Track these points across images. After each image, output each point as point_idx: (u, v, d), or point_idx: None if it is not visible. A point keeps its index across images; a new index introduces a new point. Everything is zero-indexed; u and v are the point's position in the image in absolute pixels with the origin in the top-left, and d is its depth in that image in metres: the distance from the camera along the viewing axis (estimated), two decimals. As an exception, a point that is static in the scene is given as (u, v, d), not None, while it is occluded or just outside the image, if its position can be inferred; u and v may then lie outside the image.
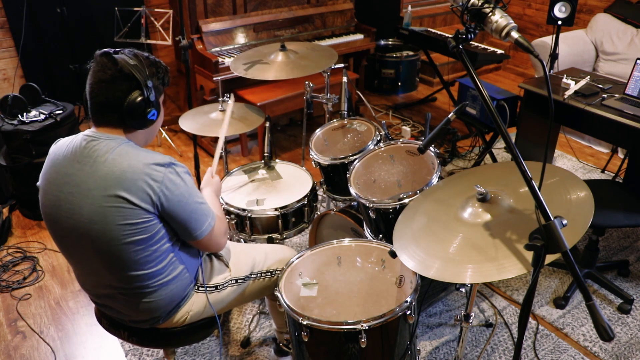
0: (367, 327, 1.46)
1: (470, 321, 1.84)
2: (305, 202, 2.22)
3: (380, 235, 2.00)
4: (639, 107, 2.63)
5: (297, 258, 1.75)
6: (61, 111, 3.12)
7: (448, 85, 4.36)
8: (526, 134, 3.25)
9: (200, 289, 1.66)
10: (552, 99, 1.10)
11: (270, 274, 1.84)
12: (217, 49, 3.67)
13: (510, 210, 1.39)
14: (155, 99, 1.47)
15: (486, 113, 3.31)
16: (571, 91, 2.85)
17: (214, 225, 1.55)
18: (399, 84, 4.98)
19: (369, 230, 2.10)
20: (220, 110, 2.44)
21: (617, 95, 2.78)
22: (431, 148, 1.97)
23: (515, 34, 1.15)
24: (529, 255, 1.13)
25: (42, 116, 3.03)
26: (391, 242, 1.53)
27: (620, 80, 3.12)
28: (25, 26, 3.43)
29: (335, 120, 2.58)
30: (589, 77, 3.02)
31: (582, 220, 1.26)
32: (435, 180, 1.88)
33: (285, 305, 1.56)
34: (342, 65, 2.94)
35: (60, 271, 2.80)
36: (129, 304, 1.55)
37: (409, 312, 1.53)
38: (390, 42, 5.12)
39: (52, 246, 2.96)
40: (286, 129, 4.34)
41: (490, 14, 1.18)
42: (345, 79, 2.58)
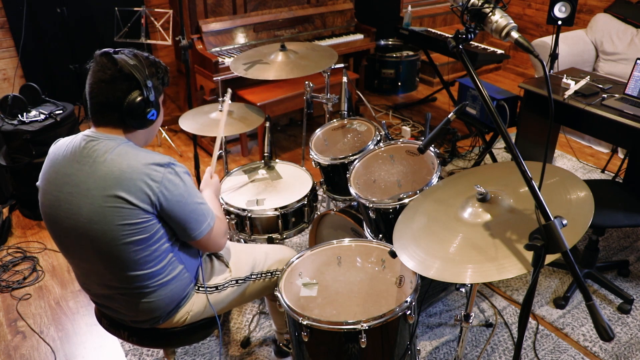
0: (367, 327, 1.46)
1: (470, 321, 1.84)
2: (305, 202, 2.22)
3: (380, 235, 2.00)
4: (639, 107, 2.63)
5: (297, 258, 1.75)
6: (61, 111, 3.12)
7: (448, 85, 4.36)
8: (526, 134, 3.25)
9: (200, 289, 1.66)
10: (552, 99, 1.10)
11: (270, 274, 1.84)
12: (217, 49, 3.67)
13: (510, 210, 1.39)
14: (155, 99, 1.47)
15: (486, 113, 3.30)
16: (571, 91, 2.85)
17: (214, 225, 1.55)
18: (399, 84, 4.98)
19: (369, 230, 2.10)
20: (220, 111, 2.44)
21: (617, 95, 2.78)
22: (431, 148, 1.97)
23: (515, 34, 1.15)
24: (529, 255, 1.13)
25: (42, 116, 3.03)
26: (391, 242, 1.53)
27: (620, 80, 3.12)
28: (25, 26, 3.43)
29: (335, 120, 2.58)
30: (589, 77, 3.02)
31: (582, 220, 1.26)
32: (435, 180, 1.88)
33: (285, 305, 1.56)
34: (342, 65, 2.94)
35: (60, 271, 2.80)
36: (128, 304, 1.55)
37: (409, 312, 1.53)
38: (390, 42, 5.12)
39: (52, 246, 2.96)
40: (286, 129, 4.33)
41: (490, 14, 1.18)
42: (345, 79, 2.58)
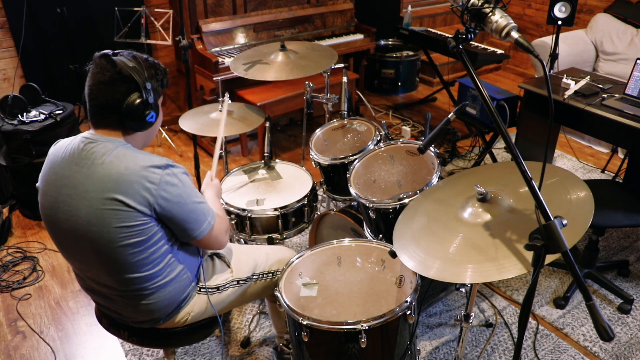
0: (367, 327, 1.46)
1: (470, 321, 1.84)
2: (305, 202, 2.22)
3: (380, 235, 2.00)
4: (639, 107, 2.63)
5: (297, 258, 1.75)
6: (61, 111, 3.12)
7: (448, 85, 4.36)
8: (526, 134, 3.25)
9: (201, 290, 1.66)
10: (552, 99, 1.10)
11: (271, 274, 1.84)
12: (217, 49, 3.67)
13: (510, 210, 1.39)
14: (154, 101, 1.47)
15: (486, 113, 3.30)
16: (571, 91, 2.85)
17: (214, 223, 1.55)
18: (399, 84, 4.97)
19: (369, 230, 2.10)
20: (220, 110, 2.44)
21: (617, 95, 2.78)
22: (431, 148, 1.97)
23: (515, 34, 1.15)
24: (529, 255, 1.13)
25: (42, 116, 3.03)
26: (391, 242, 1.53)
27: (620, 80, 3.12)
28: (25, 26, 3.43)
29: (335, 120, 2.58)
30: (589, 77, 3.01)
31: (582, 220, 1.26)
32: (435, 180, 1.88)
33: (285, 305, 1.56)
34: (342, 65, 2.94)
35: (60, 271, 2.80)
36: (128, 306, 1.55)
37: (409, 312, 1.53)
38: (390, 42, 5.12)
39: (52, 246, 2.96)
40: (286, 129, 4.33)
41: (490, 14, 1.18)
42: (345, 79, 2.58)
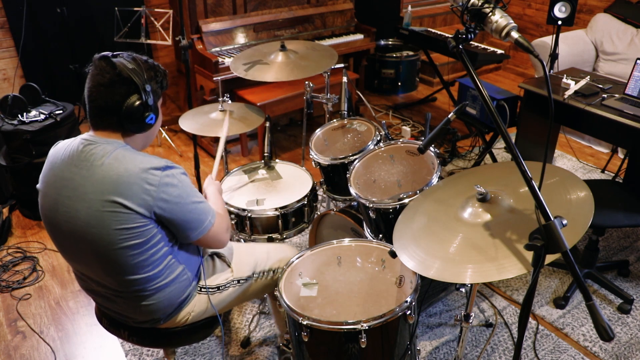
0: (367, 327, 1.46)
1: (470, 321, 1.84)
2: (305, 202, 2.22)
3: (380, 235, 2.00)
4: (639, 107, 2.63)
5: (297, 258, 1.75)
6: (61, 111, 3.12)
7: (448, 85, 4.36)
8: (526, 134, 3.25)
9: (202, 290, 1.67)
10: (552, 99, 1.10)
11: (272, 272, 1.84)
12: (217, 49, 3.67)
13: (510, 210, 1.39)
14: (154, 103, 1.47)
15: (486, 113, 3.30)
16: (571, 91, 2.85)
17: (215, 222, 1.55)
18: (399, 84, 4.97)
19: (369, 230, 2.10)
20: (220, 110, 2.44)
21: (617, 95, 2.78)
22: (431, 148, 1.97)
23: (515, 34, 1.15)
24: (529, 255, 1.13)
25: (42, 116, 3.03)
26: (391, 242, 1.53)
27: (620, 80, 3.12)
28: (25, 26, 3.43)
29: (335, 120, 2.58)
30: (589, 77, 3.01)
31: (582, 220, 1.26)
32: (435, 180, 1.88)
33: (285, 305, 1.56)
34: (342, 65, 2.94)
35: (60, 271, 2.80)
36: (128, 306, 1.55)
37: (409, 312, 1.53)
38: (390, 42, 5.12)
39: (52, 246, 2.96)
40: (286, 129, 4.33)
41: (490, 14, 1.18)
42: (345, 79, 2.58)
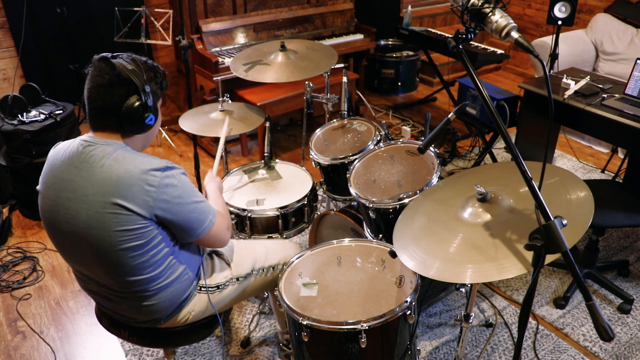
0: (367, 327, 1.46)
1: (470, 321, 1.84)
2: (305, 202, 2.22)
3: (380, 235, 2.00)
4: (639, 107, 2.63)
5: (297, 258, 1.75)
6: (61, 111, 3.12)
7: (448, 85, 4.36)
8: (526, 134, 3.25)
9: (202, 289, 1.67)
10: (552, 99, 1.10)
11: (272, 268, 1.84)
12: (217, 49, 3.67)
13: (510, 210, 1.39)
14: (153, 104, 1.47)
15: (486, 113, 3.30)
16: (571, 91, 2.85)
17: (215, 221, 1.55)
18: (399, 84, 4.97)
19: (369, 230, 2.10)
20: (220, 110, 2.43)
21: (617, 95, 2.78)
22: (431, 148, 1.97)
23: (515, 34, 1.15)
24: (529, 255, 1.13)
25: (42, 116, 3.03)
26: (391, 242, 1.53)
27: (620, 80, 3.12)
28: (25, 26, 3.43)
29: (335, 120, 2.58)
30: (589, 77, 3.01)
31: (582, 220, 1.26)
32: (435, 180, 1.88)
33: (285, 305, 1.56)
34: (342, 65, 2.94)
35: (60, 271, 2.80)
36: (129, 307, 1.55)
37: (409, 312, 1.53)
38: (390, 42, 5.12)
39: (52, 246, 2.94)
40: (286, 129, 4.33)
41: (490, 14, 1.18)
42: (345, 79, 2.58)
